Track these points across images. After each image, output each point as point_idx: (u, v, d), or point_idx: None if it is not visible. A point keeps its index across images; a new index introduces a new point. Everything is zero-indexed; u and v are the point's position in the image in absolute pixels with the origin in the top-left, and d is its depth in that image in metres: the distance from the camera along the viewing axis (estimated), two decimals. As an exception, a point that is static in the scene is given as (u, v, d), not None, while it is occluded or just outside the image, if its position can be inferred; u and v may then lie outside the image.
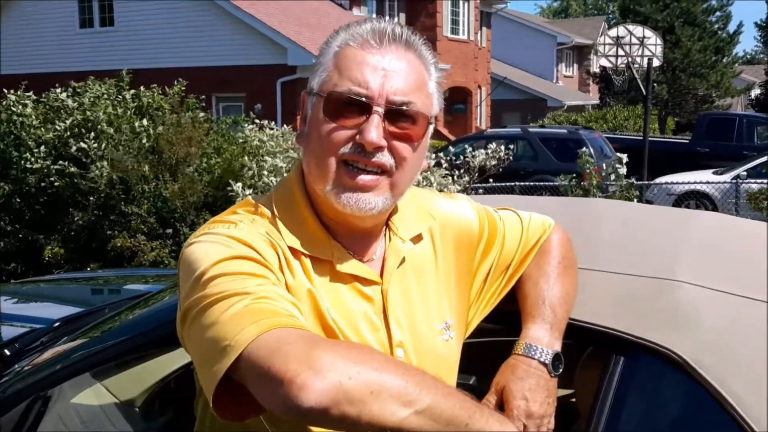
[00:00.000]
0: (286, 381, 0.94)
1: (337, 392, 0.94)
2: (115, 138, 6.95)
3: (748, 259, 1.51)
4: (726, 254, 1.54)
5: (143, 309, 2.01)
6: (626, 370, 1.32)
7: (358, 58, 1.21)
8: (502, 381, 1.30)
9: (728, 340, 1.29)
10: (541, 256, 1.45)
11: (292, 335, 1.00)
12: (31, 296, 3.56)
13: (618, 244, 1.58)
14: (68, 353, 1.86)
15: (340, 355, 0.97)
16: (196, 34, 17.46)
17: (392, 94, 1.20)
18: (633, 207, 2.35)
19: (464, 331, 1.41)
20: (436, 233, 1.39)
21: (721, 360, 1.25)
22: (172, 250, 6.71)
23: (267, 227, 1.23)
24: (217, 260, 1.12)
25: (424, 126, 1.25)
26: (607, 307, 1.41)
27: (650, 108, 15.42)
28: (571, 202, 2.39)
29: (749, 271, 1.44)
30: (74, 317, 2.51)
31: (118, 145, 6.85)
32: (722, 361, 1.25)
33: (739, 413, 1.20)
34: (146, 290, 3.17)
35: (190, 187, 6.66)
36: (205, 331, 1.06)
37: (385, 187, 1.23)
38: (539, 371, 1.31)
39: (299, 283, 1.20)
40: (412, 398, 0.97)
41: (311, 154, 1.25)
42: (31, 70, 17.07)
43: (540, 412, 1.27)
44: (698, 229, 1.65)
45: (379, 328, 1.25)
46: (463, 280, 1.40)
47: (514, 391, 1.27)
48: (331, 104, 1.21)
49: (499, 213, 1.50)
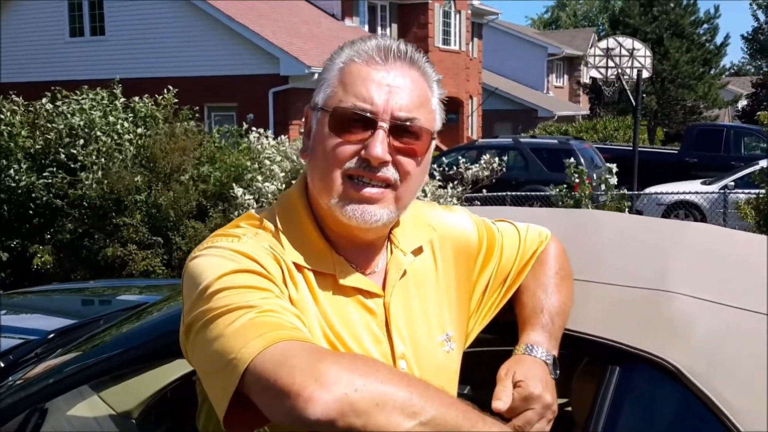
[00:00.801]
0: (293, 394, 0.95)
1: (343, 404, 0.95)
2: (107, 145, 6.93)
3: (739, 269, 1.54)
4: (717, 265, 1.57)
5: (141, 320, 2.00)
6: (622, 379, 1.34)
7: (363, 74, 1.23)
8: (510, 370, 1.30)
9: (721, 349, 1.31)
10: (538, 267, 1.47)
11: (297, 348, 1.01)
12: (21, 307, 3.52)
13: (612, 256, 1.61)
14: (65, 365, 1.85)
15: (346, 368, 0.98)
16: (188, 44, 17.43)
17: (397, 110, 1.22)
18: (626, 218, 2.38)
19: (464, 342, 1.42)
20: (437, 245, 1.40)
21: (715, 369, 1.27)
22: (163, 259, 6.69)
23: (270, 241, 1.24)
24: (222, 274, 1.13)
25: (427, 141, 1.26)
26: (602, 317, 1.43)
27: (640, 119, 15.51)
28: (566, 213, 2.42)
29: (741, 281, 1.47)
30: (69, 329, 2.50)
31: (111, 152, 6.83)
32: (715, 370, 1.27)
33: (732, 422, 1.22)
34: (139, 301, 3.16)
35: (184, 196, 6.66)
36: (211, 344, 1.07)
37: (390, 200, 1.24)
38: (543, 366, 1.32)
39: (302, 297, 1.21)
40: (416, 409, 0.98)
41: (316, 168, 1.26)
42: (20, 78, 17.01)
43: (552, 400, 1.28)
44: (690, 240, 1.68)
45: (382, 341, 1.27)
46: (463, 292, 1.41)
47: (529, 377, 1.27)
48: (337, 119, 1.23)
49: (497, 225, 1.52)
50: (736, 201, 11.11)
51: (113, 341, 1.97)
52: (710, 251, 1.64)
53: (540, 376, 1.29)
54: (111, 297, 3.76)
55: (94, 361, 1.82)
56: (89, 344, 2.02)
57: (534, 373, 1.29)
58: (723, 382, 1.25)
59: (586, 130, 24.95)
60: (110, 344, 1.95)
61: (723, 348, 1.31)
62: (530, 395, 1.25)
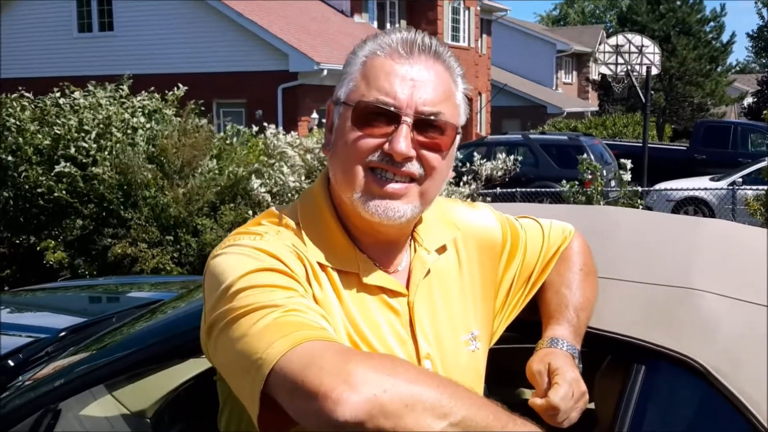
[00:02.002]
0: (321, 395, 0.93)
1: (373, 406, 0.93)
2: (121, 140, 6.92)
3: (760, 265, 1.51)
4: (739, 261, 1.55)
5: (154, 318, 1.98)
6: (647, 378, 1.33)
7: (387, 68, 1.20)
8: (543, 363, 1.28)
9: (747, 347, 1.30)
10: (562, 264, 1.46)
11: (324, 348, 0.99)
12: (30, 305, 3.50)
13: (633, 252, 1.59)
14: (78, 365, 1.83)
15: (374, 368, 0.96)
16: (197, 40, 17.44)
17: (421, 105, 1.19)
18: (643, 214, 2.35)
19: (489, 341, 1.40)
20: (460, 244, 1.38)
21: (741, 368, 1.27)
22: (173, 257, 6.68)
23: (293, 239, 1.22)
24: (245, 272, 1.11)
25: (452, 135, 1.24)
26: (626, 315, 1.42)
27: (649, 115, 15.48)
28: (583, 209, 2.40)
29: (763, 277, 1.45)
30: (80, 326, 2.48)
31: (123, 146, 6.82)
32: (742, 369, 1.26)
33: (760, 421, 1.21)
34: (150, 298, 3.14)
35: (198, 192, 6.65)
36: (235, 344, 1.05)
37: (414, 194, 1.22)
38: (570, 357, 1.31)
39: (327, 295, 1.19)
40: (446, 410, 0.96)
41: (338, 162, 1.24)
42: (28, 74, 17.05)
43: (585, 388, 1.27)
44: (709, 236, 1.67)
45: (407, 341, 1.24)
46: (488, 290, 1.39)
47: (562, 367, 1.26)
48: (360, 114, 1.20)
49: (520, 221, 1.50)
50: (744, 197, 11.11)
51: (128, 340, 1.95)
52: (730, 248, 1.63)
53: (570, 364, 1.28)
54: (121, 294, 3.74)
55: (109, 361, 1.80)
56: (103, 343, 2.00)
57: (566, 360, 1.28)
58: (750, 381, 1.25)
59: (595, 127, 24.93)
60: (125, 343, 1.93)
61: (749, 346, 1.30)
62: (575, 378, 1.25)
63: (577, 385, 1.25)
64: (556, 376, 1.24)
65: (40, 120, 7.30)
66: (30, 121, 7.28)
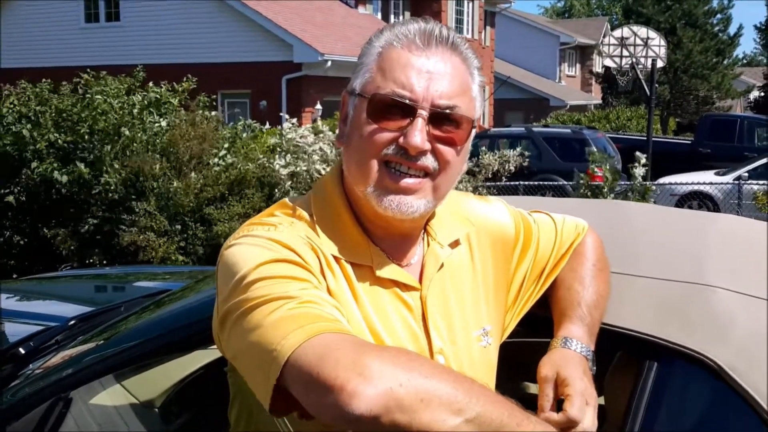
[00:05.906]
0: (336, 388, 0.92)
1: (389, 399, 0.92)
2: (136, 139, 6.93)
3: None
4: (753, 257, 1.53)
5: (163, 308, 1.98)
6: (660, 375, 1.31)
7: (403, 59, 1.19)
8: (553, 369, 1.26)
9: (763, 345, 1.28)
10: (575, 259, 1.44)
11: (339, 341, 0.98)
12: (39, 293, 3.51)
13: (645, 247, 1.57)
14: (88, 354, 1.84)
15: (390, 362, 0.95)
16: (202, 31, 17.42)
17: (437, 98, 1.18)
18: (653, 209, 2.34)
19: (501, 336, 1.39)
20: (473, 238, 1.37)
21: (756, 366, 1.25)
22: (179, 246, 6.68)
23: (306, 231, 1.21)
24: (259, 263, 1.10)
25: (468, 129, 1.23)
26: (640, 311, 1.40)
27: (653, 108, 15.40)
28: (594, 203, 2.38)
29: None
30: (89, 315, 2.48)
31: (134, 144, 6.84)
32: (757, 367, 1.25)
33: None
34: (158, 287, 3.15)
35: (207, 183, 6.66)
36: (248, 335, 1.04)
37: (427, 189, 1.21)
38: (582, 360, 1.29)
39: (340, 288, 1.18)
40: (462, 406, 0.95)
41: (352, 155, 1.23)
42: (34, 64, 17.05)
43: (594, 396, 1.25)
44: (721, 232, 1.65)
45: (419, 336, 1.23)
46: (500, 286, 1.38)
47: (571, 376, 1.23)
48: (375, 106, 1.19)
49: (533, 216, 1.49)
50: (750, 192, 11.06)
51: (136, 330, 1.94)
52: (745, 243, 1.61)
53: (581, 372, 1.26)
54: (129, 283, 3.75)
55: (119, 350, 1.79)
56: (112, 332, 2.00)
57: (577, 368, 1.26)
58: (764, 379, 1.23)
59: (598, 120, 24.82)
60: (134, 333, 1.93)
61: (764, 344, 1.28)
62: (585, 389, 1.22)
63: (588, 395, 1.22)
64: (566, 387, 1.22)
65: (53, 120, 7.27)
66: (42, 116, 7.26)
